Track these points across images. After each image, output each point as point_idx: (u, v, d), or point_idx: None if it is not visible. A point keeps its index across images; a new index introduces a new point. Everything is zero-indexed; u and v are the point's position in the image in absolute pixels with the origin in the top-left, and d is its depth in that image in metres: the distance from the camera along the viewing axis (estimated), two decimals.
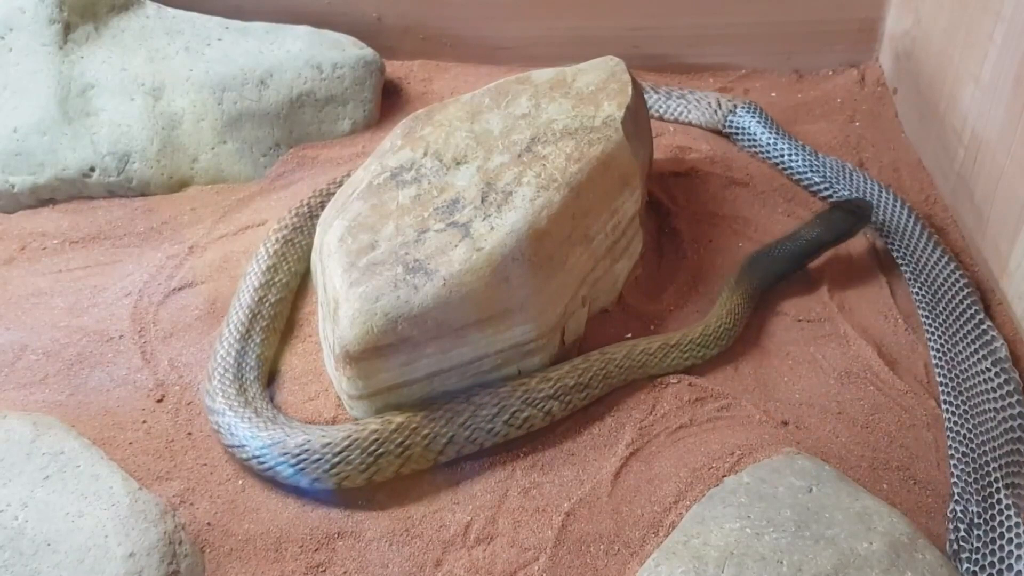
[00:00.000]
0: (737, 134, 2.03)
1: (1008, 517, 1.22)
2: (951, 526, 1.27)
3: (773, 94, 2.24)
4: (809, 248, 1.68)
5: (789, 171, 1.95)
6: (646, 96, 2.00)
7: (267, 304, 1.56)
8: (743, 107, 2.05)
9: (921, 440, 1.40)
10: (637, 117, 1.66)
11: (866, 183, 1.86)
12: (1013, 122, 1.59)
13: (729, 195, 1.90)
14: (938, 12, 1.94)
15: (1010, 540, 1.20)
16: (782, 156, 1.96)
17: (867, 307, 1.64)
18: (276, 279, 1.60)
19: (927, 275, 1.66)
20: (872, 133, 2.08)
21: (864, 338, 1.57)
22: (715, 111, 2.06)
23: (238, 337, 1.50)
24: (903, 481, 1.34)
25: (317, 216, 1.68)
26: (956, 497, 1.30)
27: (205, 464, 1.38)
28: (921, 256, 1.69)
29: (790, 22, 2.26)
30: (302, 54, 2.05)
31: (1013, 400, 1.38)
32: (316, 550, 1.27)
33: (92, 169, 1.92)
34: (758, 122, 2.02)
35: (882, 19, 2.24)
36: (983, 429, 1.37)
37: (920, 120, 2.02)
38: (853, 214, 1.70)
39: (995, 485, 1.27)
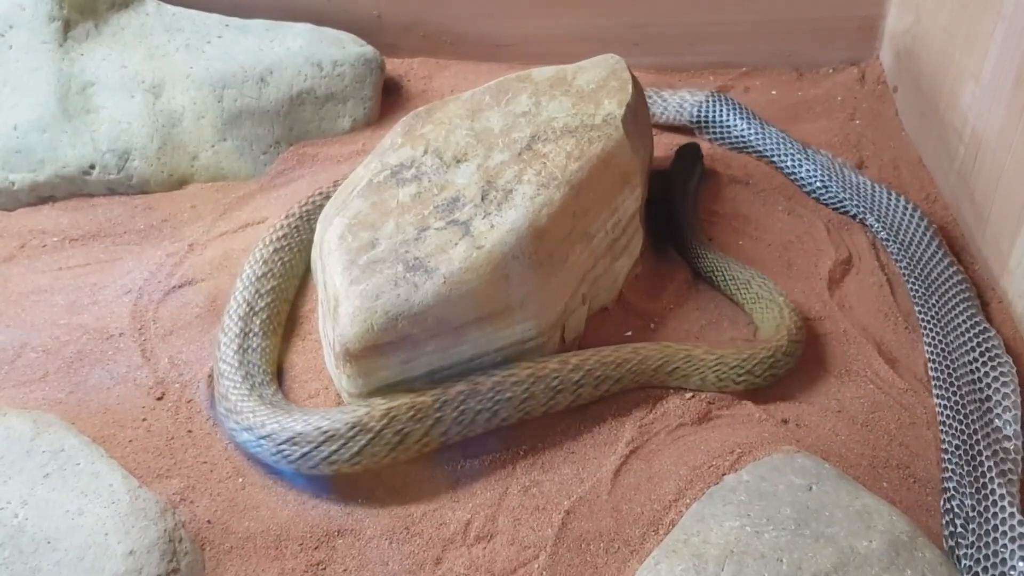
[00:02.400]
0: (707, 125, 2.04)
1: (1002, 508, 1.22)
2: (945, 520, 1.27)
3: (773, 92, 2.24)
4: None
5: (757, 152, 1.98)
6: None
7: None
8: (712, 98, 2.05)
9: (921, 438, 1.40)
10: (637, 115, 1.66)
11: (831, 163, 1.91)
12: (1013, 120, 1.59)
13: (729, 193, 1.90)
14: (939, 10, 1.94)
15: (1004, 533, 1.19)
16: (752, 139, 1.99)
17: (867, 305, 1.64)
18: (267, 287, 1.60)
19: (920, 265, 1.66)
20: (872, 131, 2.08)
21: (864, 336, 1.57)
22: (680, 108, 2.06)
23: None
24: (903, 479, 1.34)
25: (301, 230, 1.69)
26: (951, 492, 1.30)
27: (205, 462, 1.38)
28: (912, 243, 1.70)
29: (791, 20, 2.26)
30: (302, 51, 2.05)
31: (1008, 391, 1.37)
32: (316, 548, 1.27)
33: (92, 166, 1.92)
34: (729, 111, 2.03)
35: (883, 17, 2.24)
36: (974, 419, 1.36)
37: (920, 118, 2.02)
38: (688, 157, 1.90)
39: (988, 476, 1.27)
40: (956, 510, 1.27)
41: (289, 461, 1.32)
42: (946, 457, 1.35)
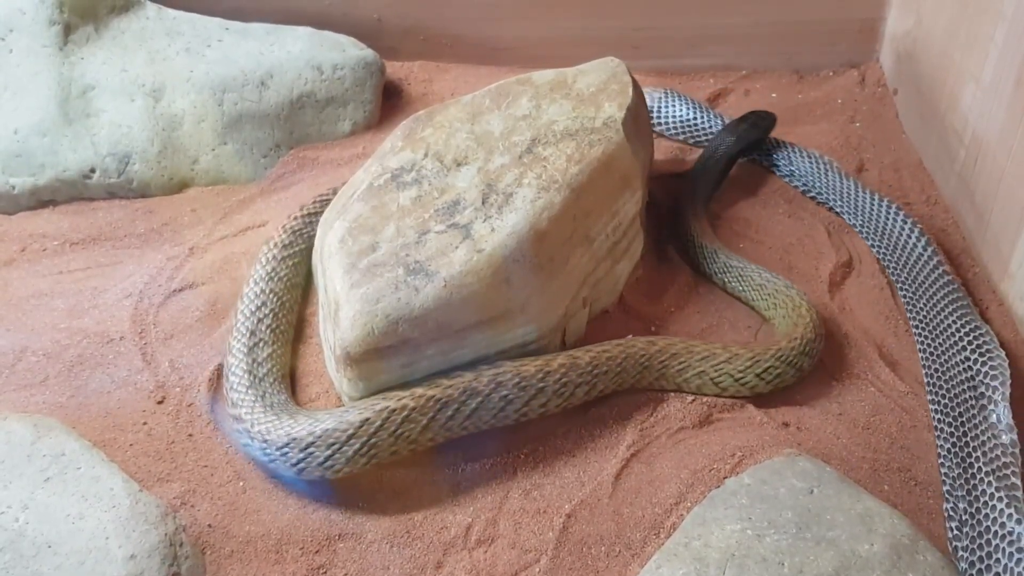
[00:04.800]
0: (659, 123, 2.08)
1: (993, 508, 1.21)
2: (947, 525, 1.27)
3: (774, 95, 2.24)
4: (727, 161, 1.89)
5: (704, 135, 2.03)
6: None
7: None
8: (661, 95, 2.08)
9: (922, 441, 1.40)
10: (638, 118, 1.66)
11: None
12: (1014, 123, 1.59)
13: (729, 196, 1.90)
14: (939, 12, 1.94)
15: (996, 533, 1.19)
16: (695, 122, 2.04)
17: (868, 308, 1.64)
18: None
19: (906, 263, 1.66)
20: (873, 134, 2.08)
21: (865, 339, 1.57)
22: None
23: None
24: (904, 482, 1.34)
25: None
26: (947, 494, 1.30)
27: (206, 466, 1.38)
28: (895, 238, 1.70)
29: (791, 22, 2.26)
30: (302, 55, 2.05)
31: (998, 384, 1.36)
32: (317, 552, 1.27)
33: (92, 170, 1.92)
34: (676, 102, 2.06)
35: (883, 19, 2.24)
36: (965, 419, 1.36)
37: (921, 121, 2.02)
38: (757, 126, 1.94)
39: (979, 475, 1.26)
40: (951, 512, 1.27)
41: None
42: (941, 459, 1.35)
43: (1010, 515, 1.18)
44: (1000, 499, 1.21)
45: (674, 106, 2.07)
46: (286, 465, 1.32)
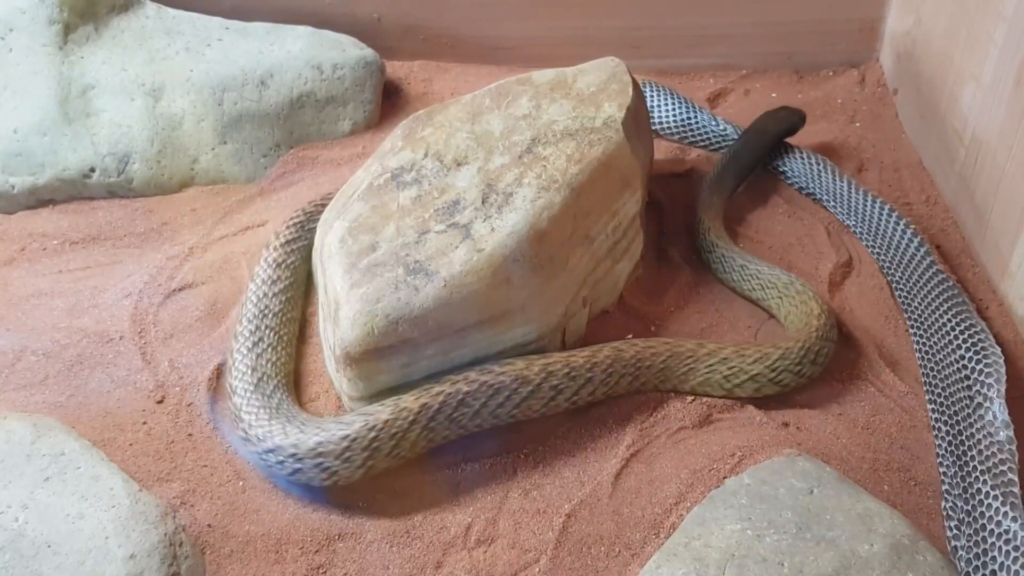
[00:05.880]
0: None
1: (988, 507, 1.21)
2: (946, 524, 1.27)
3: (773, 94, 2.24)
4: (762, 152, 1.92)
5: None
6: None
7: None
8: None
9: (922, 441, 1.40)
10: (638, 118, 1.66)
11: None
12: (1014, 122, 1.59)
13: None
14: (939, 12, 1.94)
15: (991, 532, 1.19)
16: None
17: (867, 308, 1.64)
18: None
19: (900, 261, 1.66)
20: (872, 133, 2.08)
21: (865, 339, 1.57)
22: None
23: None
24: (904, 482, 1.34)
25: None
26: (945, 494, 1.30)
27: (205, 465, 1.38)
28: (888, 237, 1.70)
29: (790, 22, 2.26)
30: (302, 54, 2.05)
31: (993, 380, 1.36)
32: (316, 551, 1.27)
33: (92, 170, 1.92)
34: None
35: (883, 19, 2.24)
36: (961, 417, 1.36)
37: (921, 120, 2.02)
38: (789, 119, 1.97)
39: (975, 474, 1.26)
40: (950, 512, 1.27)
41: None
42: (940, 458, 1.35)
43: (1005, 513, 1.19)
44: (996, 497, 1.21)
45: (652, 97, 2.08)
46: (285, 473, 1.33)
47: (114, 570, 1.17)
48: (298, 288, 1.63)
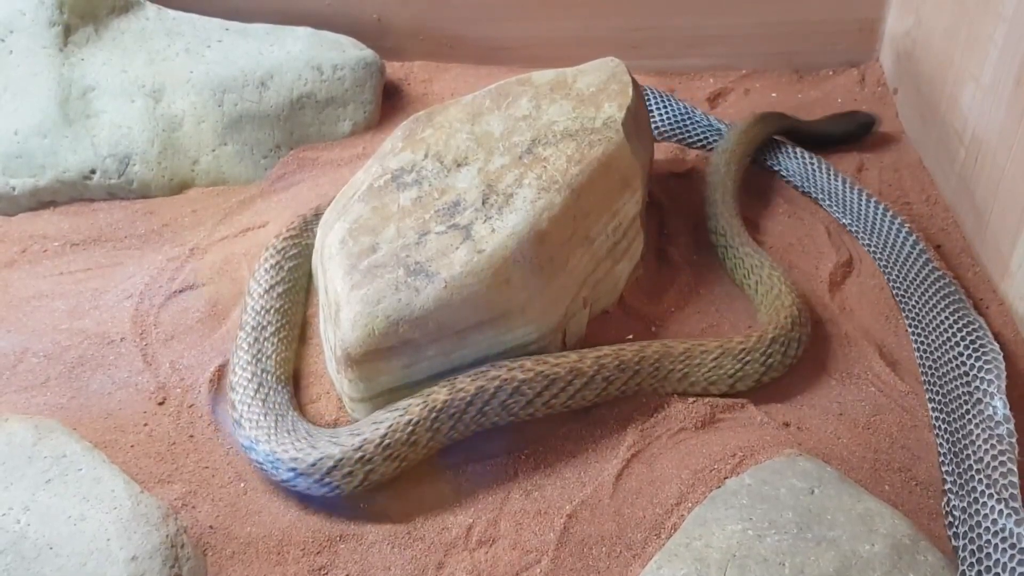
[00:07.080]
0: None
1: (984, 504, 1.21)
2: (947, 522, 1.27)
3: (773, 94, 2.24)
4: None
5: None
6: None
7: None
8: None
9: (923, 441, 1.40)
10: (638, 118, 1.66)
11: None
12: (1014, 122, 1.59)
13: None
14: (939, 12, 1.94)
15: (987, 529, 1.19)
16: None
17: (868, 308, 1.64)
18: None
19: (896, 260, 1.66)
20: (872, 133, 2.08)
21: (865, 339, 1.57)
22: None
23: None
24: (905, 482, 1.34)
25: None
26: (946, 492, 1.30)
27: (207, 467, 1.38)
28: (884, 235, 1.71)
29: (790, 22, 2.26)
30: (302, 55, 2.05)
31: (992, 376, 1.36)
32: (318, 553, 1.27)
33: (93, 171, 1.92)
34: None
35: (883, 19, 2.24)
36: (958, 415, 1.36)
37: (921, 120, 2.02)
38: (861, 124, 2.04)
39: (973, 471, 1.26)
40: (952, 511, 1.27)
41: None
42: (941, 456, 1.35)
43: (1001, 511, 1.19)
44: (992, 495, 1.21)
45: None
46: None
47: (116, 572, 1.17)
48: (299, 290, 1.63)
